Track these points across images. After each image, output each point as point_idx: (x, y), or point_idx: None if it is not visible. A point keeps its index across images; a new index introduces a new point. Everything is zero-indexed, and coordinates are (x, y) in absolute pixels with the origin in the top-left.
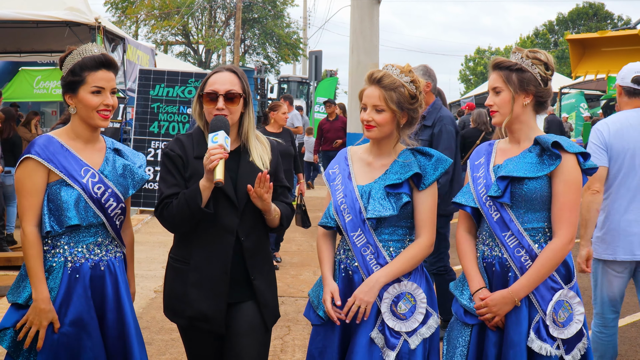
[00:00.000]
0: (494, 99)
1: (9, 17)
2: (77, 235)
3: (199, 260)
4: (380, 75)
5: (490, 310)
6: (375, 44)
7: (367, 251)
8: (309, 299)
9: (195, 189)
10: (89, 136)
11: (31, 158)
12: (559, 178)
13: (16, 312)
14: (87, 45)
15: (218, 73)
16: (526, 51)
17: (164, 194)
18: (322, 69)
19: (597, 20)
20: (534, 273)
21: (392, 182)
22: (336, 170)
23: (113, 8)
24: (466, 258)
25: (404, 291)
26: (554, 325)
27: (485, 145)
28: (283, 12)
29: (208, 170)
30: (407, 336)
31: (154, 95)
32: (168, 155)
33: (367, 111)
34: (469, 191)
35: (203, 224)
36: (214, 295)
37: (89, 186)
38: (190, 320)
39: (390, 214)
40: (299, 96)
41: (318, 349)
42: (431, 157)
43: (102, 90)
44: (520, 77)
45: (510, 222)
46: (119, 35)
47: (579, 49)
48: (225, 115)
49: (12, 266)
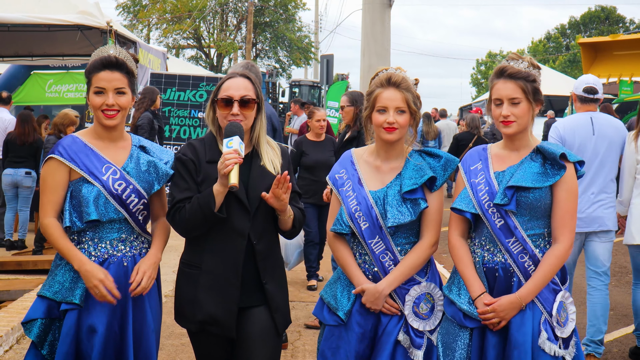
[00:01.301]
0: (511, 109)
1: (21, 20)
2: (101, 231)
3: (210, 264)
4: (400, 78)
5: (498, 315)
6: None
7: (385, 257)
8: (320, 298)
9: (208, 194)
10: (107, 135)
11: (54, 158)
12: (562, 187)
13: (42, 304)
14: (104, 47)
15: (232, 79)
16: (528, 59)
17: (176, 198)
18: (334, 73)
19: (609, 23)
20: (540, 278)
21: (409, 187)
22: (344, 175)
23: (125, 12)
24: (463, 263)
25: (424, 292)
26: (558, 325)
27: (479, 150)
28: (294, 16)
29: (222, 174)
30: (430, 334)
31: (165, 99)
32: (180, 159)
33: (388, 113)
34: (468, 197)
35: (215, 228)
36: (225, 299)
37: (109, 183)
38: (201, 325)
39: (409, 220)
40: (310, 100)
41: (331, 349)
42: (440, 158)
43: (104, 91)
44: (534, 87)
45: (515, 229)
46: (130, 39)
47: (591, 52)
48: (239, 120)
49: (22, 270)
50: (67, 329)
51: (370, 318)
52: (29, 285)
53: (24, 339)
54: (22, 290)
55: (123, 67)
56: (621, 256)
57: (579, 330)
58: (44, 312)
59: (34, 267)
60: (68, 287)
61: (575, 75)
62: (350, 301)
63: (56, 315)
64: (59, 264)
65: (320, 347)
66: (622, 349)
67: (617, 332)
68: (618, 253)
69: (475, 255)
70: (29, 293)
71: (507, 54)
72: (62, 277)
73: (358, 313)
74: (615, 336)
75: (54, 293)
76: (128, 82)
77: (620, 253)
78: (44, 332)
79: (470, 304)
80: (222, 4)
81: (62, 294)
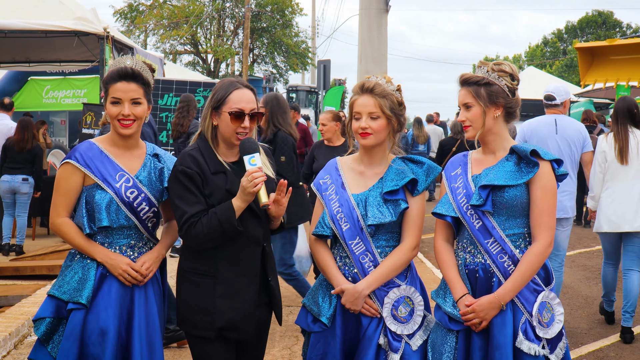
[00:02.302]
0: (465, 114)
1: (18, 27)
2: (111, 237)
3: (226, 273)
4: (372, 84)
5: (478, 315)
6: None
7: (365, 259)
8: (302, 306)
9: (228, 210)
10: (123, 143)
11: (70, 163)
12: (537, 185)
13: (51, 303)
14: (122, 58)
15: (239, 90)
16: (491, 64)
17: (188, 212)
18: (331, 78)
19: (606, 28)
20: (518, 277)
21: (390, 188)
22: (327, 181)
23: (122, 18)
24: (446, 266)
25: (403, 295)
26: (540, 325)
27: (460, 157)
28: (291, 22)
29: (250, 193)
30: (408, 339)
31: (162, 105)
32: (185, 172)
33: (362, 119)
34: (449, 201)
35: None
36: (245, 305)
37: (122, 190)
38: (220, 331)
39: (389, 220)
40: (307, 105)
41: (318, 355)
42: (422, 164)
43: (120, 101)
44: (489, 90)
45: (493, 229)
46: (127, 44)
47: (588, 57)
48: (247, 133)
49: (20, 275)
50: (71, 327)
51: (350, 321)
52: (26, 291)
53: (22, 344)
54: (19, 296)
55: (139, 78)
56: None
57: (579, 335)
58: (52, 311)
59: (31, 272)
60: (75, 288)
61: (572, 79)
62: (332, 306)
63: (64, 315)
64: (69, 265)
65: (307, 355)
66: (619, 354)
67: (614, 337)
68: None
69: (458, 258)
70: (27, 299)
71: (505, 59)
72: (71, 278)
73: (340, 317)
74: (613, 340)
75: (62, 293)
76: (144, 92)
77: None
78: (51, 330)
79: (455, 306)
80: (219, 9)
81: (69, 294)
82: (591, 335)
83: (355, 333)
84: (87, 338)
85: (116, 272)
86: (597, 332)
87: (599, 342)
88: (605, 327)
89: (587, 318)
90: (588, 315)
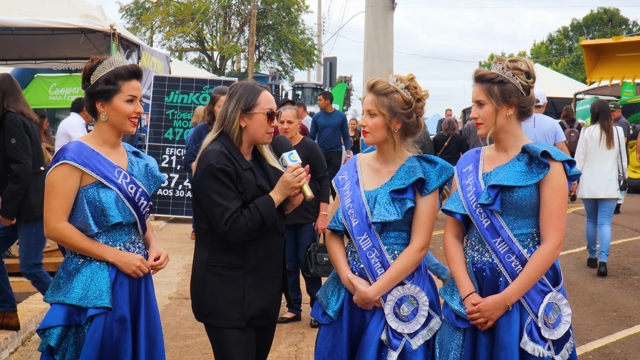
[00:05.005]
0: (477, 111)
1: (25, 24)
2: (114, 234)
3: (255, 263)
4: (374, 81)
5: (483, 315)
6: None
7: (372, 255)
8: (316, 298)
9: (269, 204)
10: (115, 141)
11: (67, 163)
12: (547, 185)
13: (61, 310)
14: (115, 55)
15: (265, 92)
16: (506, 61)
17: (230, 208)
18: (337, 75)
19: (611, 26)
20: (525, 278)
21: (397, 187)
22: (345, 177)
23: (128, 15)
24: (455, 263)
25: (407, 294)
26: (545, 327)
27: (472, 153)
28: (297, 19)
29: (293, 187)
30: (409, 337)
31: (168, 102)
32: (224, 170)
33: (363, 117)
34: (459, 198)
35: None
36: (273, 292)
37: (124, 186)
38: (251, 320)
39: (394, 219)
40: (313, 102)
41: (327, 348)
42: (435, 164)
43: (134, 99)
44: (502, 89)
45: (501, 229)
46: (133, 42)
47: (594, 54)
48: (271, 132)
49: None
50: (92, 331)
51: (357, 316)
52: (33, 288)
53: (29, 341)
54: (26, 293)
55: (142, 77)
56: (624, 258)
57: (584, 332)
58: (64, 319)
59: None
60: (95, 292)
61: (578, 77)
62: (339, 300)
63: (75, 322)
64: (76, 270)
65: (317, 346)
66: (624, 350)
67: (620, 334)
68: (621, 255)
69: (466, 256)
70: (34, 295)
71: (510, 56)
72: (84, 283)
73: (347, 311)
74: (619, 337)
75: (78, 299)
76: None
77: (622, 255)
78: (61, 338)
79: (462, 304)
80: (225, 6)
81: (88, 300)
82: (597, 332)
83: (361, 327)
84: (107, 333)
85: (129, 270)
86: (602, 329)
87: (605, 339)
88: (611, 324)
89: (592, 315)
90: (594, 312)
